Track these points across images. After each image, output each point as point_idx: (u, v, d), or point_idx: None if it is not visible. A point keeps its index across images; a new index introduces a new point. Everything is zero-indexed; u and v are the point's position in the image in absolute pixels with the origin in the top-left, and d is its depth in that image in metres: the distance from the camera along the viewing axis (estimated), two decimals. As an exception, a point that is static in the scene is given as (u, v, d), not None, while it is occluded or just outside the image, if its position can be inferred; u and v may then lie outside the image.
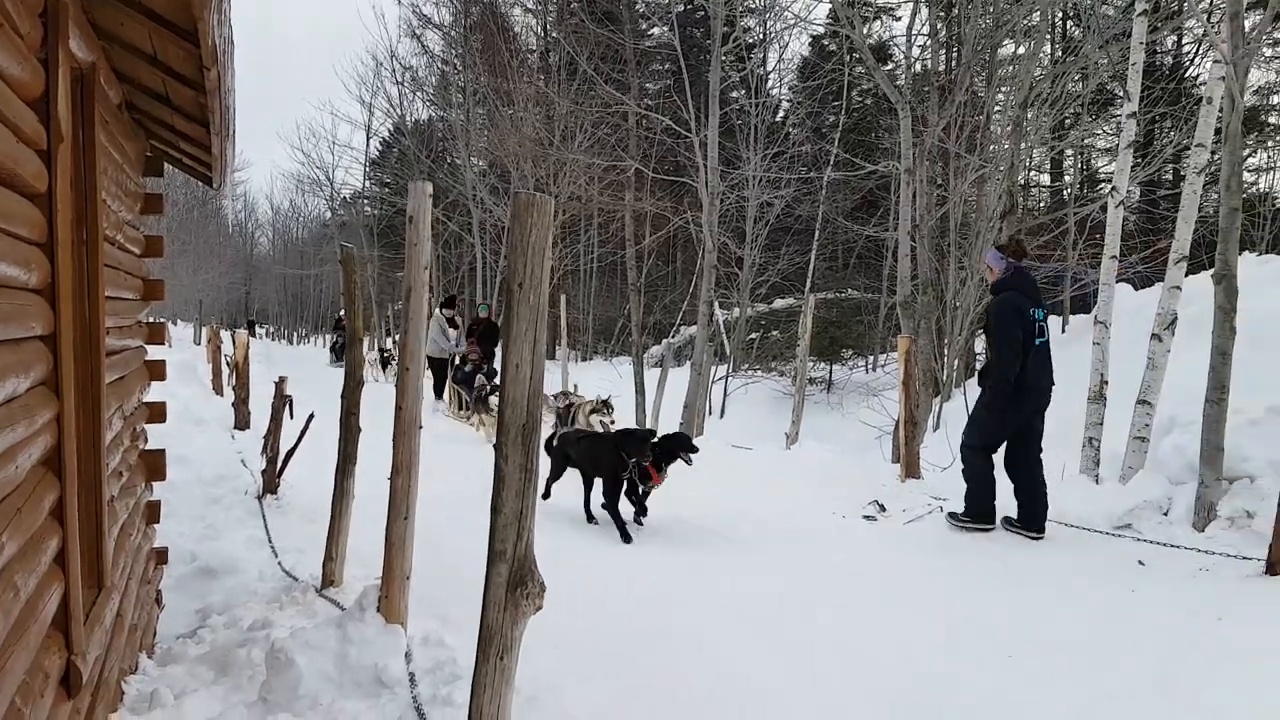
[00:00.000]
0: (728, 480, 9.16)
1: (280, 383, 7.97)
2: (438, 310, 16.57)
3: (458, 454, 10.16)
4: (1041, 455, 7.20)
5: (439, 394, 16.21)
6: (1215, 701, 3.84)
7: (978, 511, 7.11)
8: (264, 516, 6.85)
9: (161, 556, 5.13)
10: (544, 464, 6.59)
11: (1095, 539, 6.80)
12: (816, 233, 18.76)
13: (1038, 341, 7.05)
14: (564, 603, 3.36)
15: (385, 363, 22.97)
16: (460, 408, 15.24)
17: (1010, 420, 7.08)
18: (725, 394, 18.20)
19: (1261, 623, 4.84)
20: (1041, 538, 6.83)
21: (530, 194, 2.53)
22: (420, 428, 4.26)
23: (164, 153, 5.04)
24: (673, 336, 22.63)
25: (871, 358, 20.55)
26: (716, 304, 16.51)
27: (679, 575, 5.91)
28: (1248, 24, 7.89)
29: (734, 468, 9.85)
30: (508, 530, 2.60)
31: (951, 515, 7.28)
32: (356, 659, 3.81)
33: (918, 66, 17.50)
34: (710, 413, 16.05)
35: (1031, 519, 6.93)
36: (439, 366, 16.20)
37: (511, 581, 2.62)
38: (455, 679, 3.68)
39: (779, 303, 22.35)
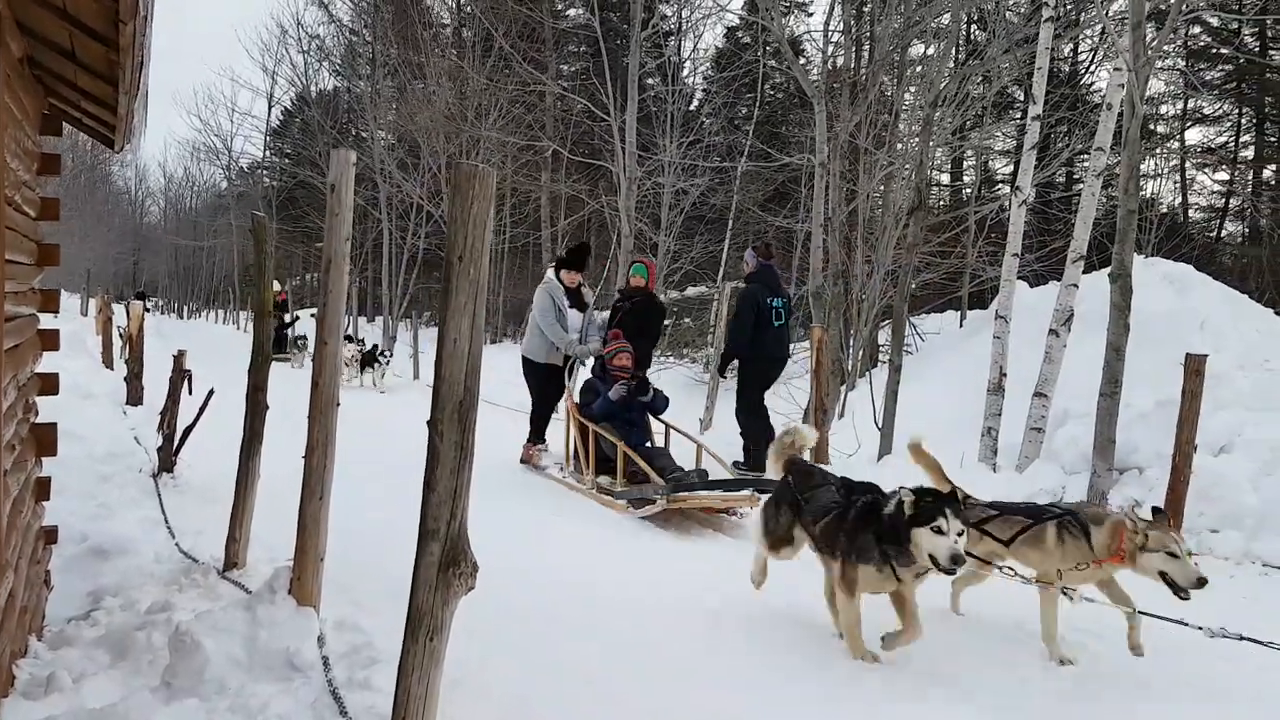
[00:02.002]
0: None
1: (179, 357, 7.66)
2: (550, 273, 9.22)
3: (375, 429, 9.87)
4: (766, 405, 9.17)
5: (539, 433, 9.15)
6: (1106, 678, 4.02)
7: (760, 463, 8.27)
8: (160, 496, 6.58)
9: (51, 536, 4.87)
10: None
11: (994, 526, 7.02)
12: (730, 222, 18.91)
13: (776, 324, 8.85)
14: (491, 583, 3.31)
15: (369, 361, 16.36)
16: (593, 466, 8.00)
17: (758, 384, 9.02)
18: (637, 379, 18.22)
19: (1148, 607, 5.06)
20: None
21: (473, 165, 2.47)
22: (338, 405, 4.14)
23: (63, 112, 4.76)
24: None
25: (781, 347, 20.86)
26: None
27: (601, 558, 5.91)
28: (1149, 34, 8.22)
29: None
30: (441, 508, 2.54)
31: (737, 464, 8.69)
32: (267, 642, 3.68)
33: (831, 63, 17.78)
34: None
35: (761, 462, 8.09)
36: (545, 379, 9.04)
37: (444, 561, 2.56)
38: (373, 662, 3.60)
39: (692, 290, 22.46)
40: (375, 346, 17.44)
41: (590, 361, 8.83)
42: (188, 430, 7.19)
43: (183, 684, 3.47)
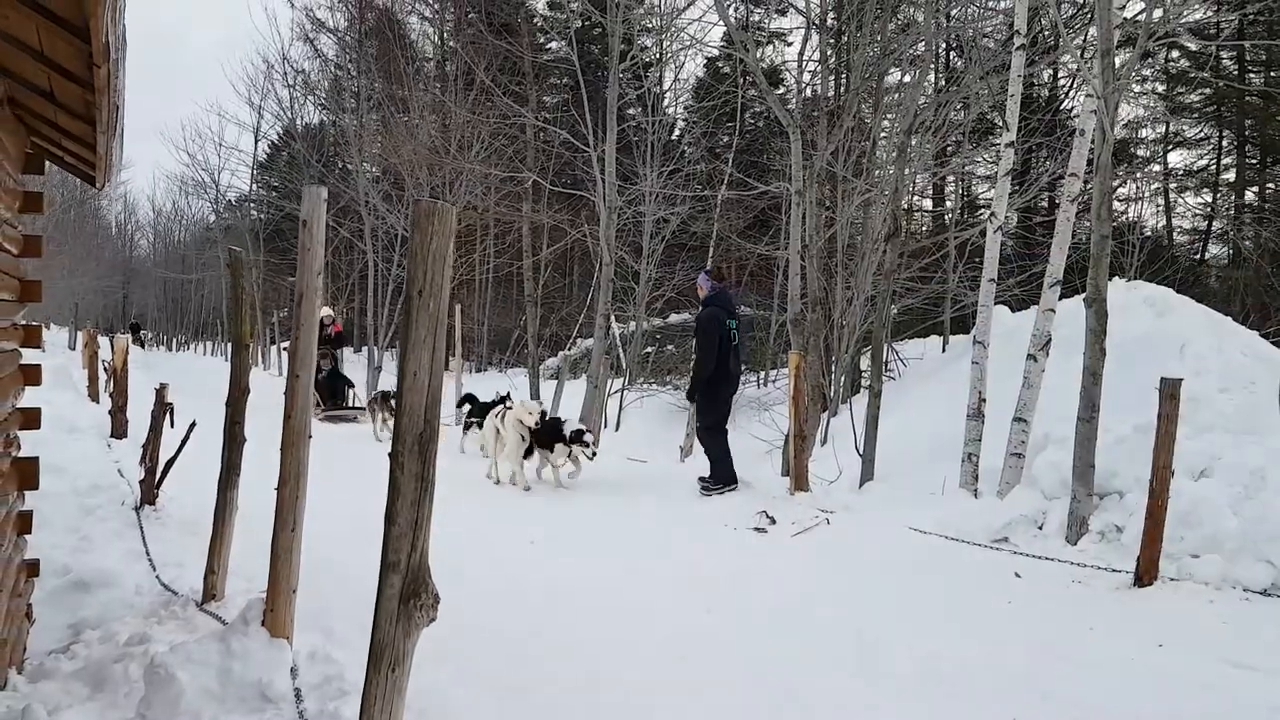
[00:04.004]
0: (623, 491, 9.25)
1: (161, 390, 7.69)
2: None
3: (348, 463, 9.95)
4: (728, 428, 9.64)
5: None
6: (1086, 708, 4.07)
7: (724, 478, 9.14)
8: (141, 528, 6.60)
9: (33, 569, 4.90)
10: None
11: (975, 551, 7.07)
12: (711, 250, 19.06)
13: (733, 343, 9.50)
14: (455, 613, 3.36)
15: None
16: None
17: (722, 400, 9.57)
18: (621, 407, 18.28)
19: (1130, 633, 5.12)
20: (735, 487, 9.07)
21: (431, 202, 2.55)
22: (310, 437, 4.20)
23: (45, 150, 4.85)
24: (569, 349, 22.66)
25: (762, 373, 20.94)
26: (613, 317, 16.59)
27: (572, 585, 5.94)
28: (1118, 61, 8.36)
29: (629, 479, 9.95)
30: (402, 541, 2.60)
31: (701, 480, 9.24)
32: (240, 674, 3.72)
33: (808, 91, 17.99)
34: (606, 425, 16.10)
35: (720, 479, 9.15)
36: None
37: (405, 593, 2.62)
38: (343, 694, 3.64)
39: (674, 317, 22.60)
40: (506, 396, 11.97)
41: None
42: (169, 463, 7.21)
43: (157, 716, 3.50)
